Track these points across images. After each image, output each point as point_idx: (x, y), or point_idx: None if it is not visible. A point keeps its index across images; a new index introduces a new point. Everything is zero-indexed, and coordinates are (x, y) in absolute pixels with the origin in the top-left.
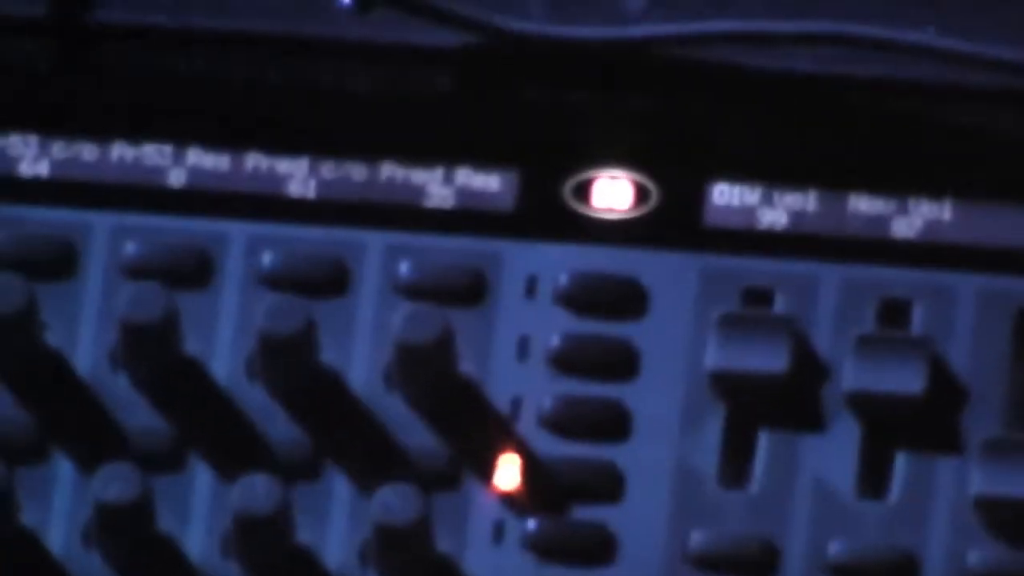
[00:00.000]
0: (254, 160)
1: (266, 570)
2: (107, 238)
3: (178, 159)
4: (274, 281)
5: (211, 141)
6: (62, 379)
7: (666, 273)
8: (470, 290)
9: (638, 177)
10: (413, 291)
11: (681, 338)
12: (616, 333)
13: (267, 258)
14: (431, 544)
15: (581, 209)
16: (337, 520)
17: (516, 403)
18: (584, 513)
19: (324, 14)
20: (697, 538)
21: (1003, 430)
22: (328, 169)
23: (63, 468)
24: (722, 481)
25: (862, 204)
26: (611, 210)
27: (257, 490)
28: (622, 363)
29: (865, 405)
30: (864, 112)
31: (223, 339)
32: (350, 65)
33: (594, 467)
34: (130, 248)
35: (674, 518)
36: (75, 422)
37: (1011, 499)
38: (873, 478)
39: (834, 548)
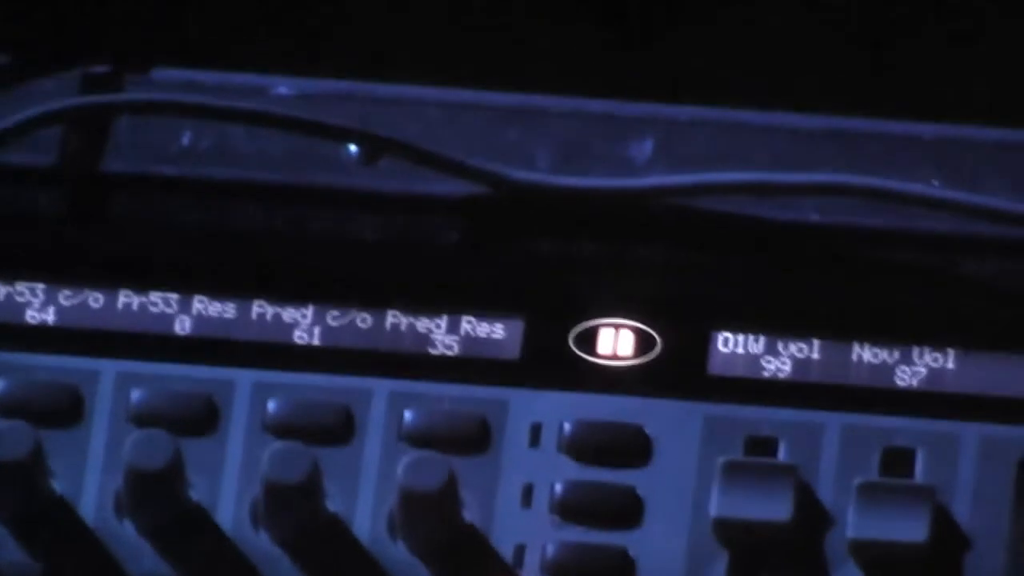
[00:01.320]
0: (260, 308)
1: None
2: (113, 385)
3: (184, 307)
4: (279, 429)
5: (217, 289)
6: (68, 526)
7: (670, 421)
8: (475, 438)
9: (642, 326)
10: (418, 439)
11: (685, 486)
12: (620, 481)
13: (272, 406)
14: None
15: (586, 357)
16: None
17: (520, 551)
18: None
19: (330, 164)
20: None
21: None
22: (333, 317)
23: None
24: None
25: (866, 353)
26: (616, 358)
27: None
28: (626, 510)
29: (868, 553)
30: (868, 262)
31: (228, 486)
32: (356, 214)
33: None
34: (136, 395)
35: None
36: (81, 569)
37: None
38: None
39: None
